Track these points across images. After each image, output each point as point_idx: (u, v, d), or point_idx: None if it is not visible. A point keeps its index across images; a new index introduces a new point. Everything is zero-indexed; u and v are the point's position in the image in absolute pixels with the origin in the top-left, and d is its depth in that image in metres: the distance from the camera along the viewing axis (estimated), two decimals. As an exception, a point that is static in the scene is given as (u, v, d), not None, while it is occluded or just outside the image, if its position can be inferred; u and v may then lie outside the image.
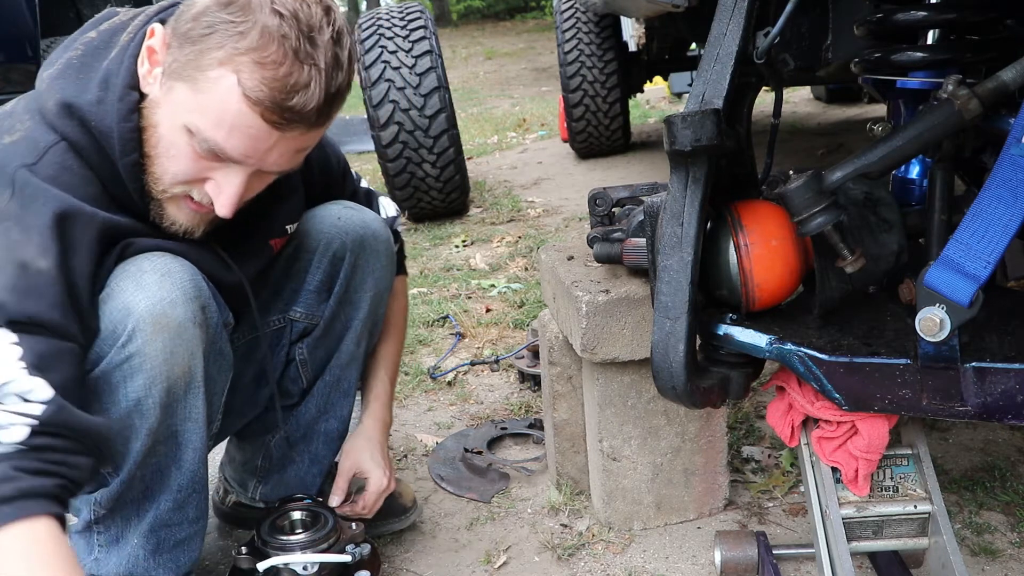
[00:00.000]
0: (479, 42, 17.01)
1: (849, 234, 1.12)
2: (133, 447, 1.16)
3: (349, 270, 1.48)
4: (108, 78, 1.12)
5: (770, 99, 1.45)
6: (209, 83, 1.05)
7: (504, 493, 1.76)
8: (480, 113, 8.36)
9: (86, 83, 1.13)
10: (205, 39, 1.04)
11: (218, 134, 1.07)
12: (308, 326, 1.51)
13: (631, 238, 1.43)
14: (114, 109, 1.10)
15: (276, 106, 1.05)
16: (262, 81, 1.03)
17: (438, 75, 3.73)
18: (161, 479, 1.21)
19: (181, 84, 1.07)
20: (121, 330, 1.10)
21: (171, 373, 1.14)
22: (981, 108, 1.06)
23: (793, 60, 1.41)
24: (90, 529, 1.22)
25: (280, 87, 1.04)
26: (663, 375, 1.14)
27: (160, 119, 1.10)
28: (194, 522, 1.26)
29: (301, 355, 1.53)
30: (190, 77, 1.06)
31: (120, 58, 1.13)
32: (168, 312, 1.12)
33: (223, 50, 1.03)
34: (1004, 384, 1.05)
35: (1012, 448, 1.75)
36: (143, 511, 1.21)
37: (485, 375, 2.37)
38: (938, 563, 1.24)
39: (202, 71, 1.05)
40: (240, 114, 1.05)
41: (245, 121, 1.06)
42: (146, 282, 1.12)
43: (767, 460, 1.78)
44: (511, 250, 3.55)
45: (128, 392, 1.13)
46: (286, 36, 1.03)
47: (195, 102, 1.06)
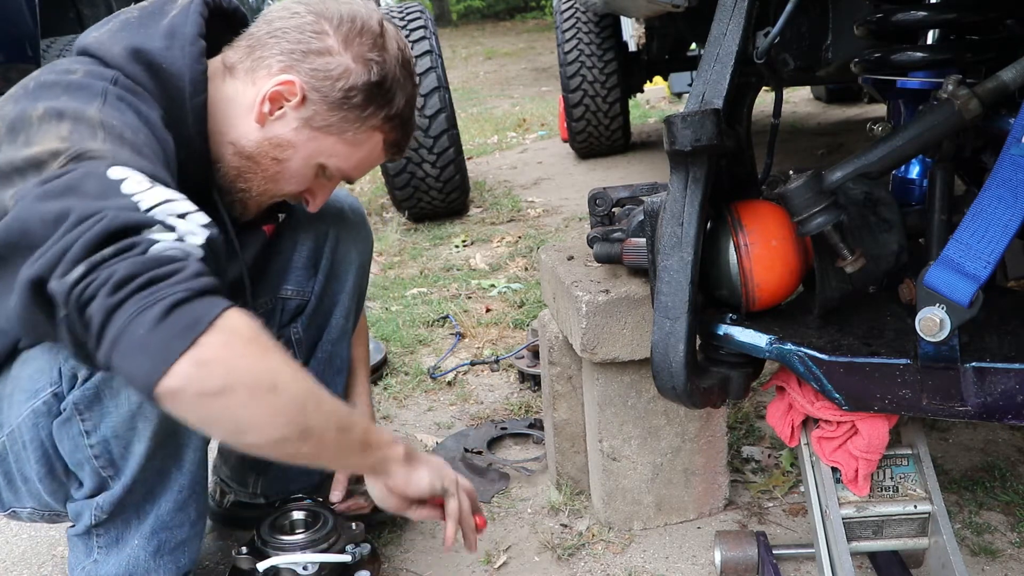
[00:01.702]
0: (479, 42, 17.01)
1: (849, 234, 1.12)
2: (136, 450, 1.16)
3: (333, 243, 1.52)
4: (174, 29, 1.19)
5: (770, 99, 1.45)
6: (359, 139, 1.26)
7: (504, 493, 1.76)
8: (480, 113, 8.36)
9: (151, 32, 1.19)
10: (359, 109, 1.22)
11: (356, 171, 1.31)
12: (300, 303, 1.54)
13: (631, 238, 1.43)
14: (185, 53, 1.17)
15: (401, 146, 1.33)
16: (402, 135, 1.31)
17: (438, 75, 3.73)
18: (162, 481, 1.20)
19: (326, 137, 1.23)
20: None
21: None
22: (981, 108, 1.06)
23: (793, 60, 1.41)
24: (89, 533, 1.22)
25: (408, 133, 1.33)
26: (663, 375, 1.14)
27: (291, 157, 1.24)
28: (194, 523, 1.25)
29: (296, 335, 1.54)
30: (339, 133, 1.24)
31: (184, 14, 1.20)
32: None
33: (376, 119, 1.25)
34: (1004, 384, 1.05)
35: (1012, 448, 1.75)
36: (144, 513, 1.21)
37: (485, 375, 2.37)
38: (938, 563, 1.24)
39: (355, 132, 1.24)
40: (377, 158, 1.32)
41: (377, 160, 1.32)
42: None
43: (767, 460, 1.78)
44: (511, 250, 3.55)
45: (131, 394, 1.12)
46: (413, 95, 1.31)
47: (342, 151, 1.26)
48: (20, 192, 0.97)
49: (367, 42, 1.21)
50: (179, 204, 0.98)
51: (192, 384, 0.87)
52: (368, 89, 1.21)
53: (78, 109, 1.05)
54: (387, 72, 1.23)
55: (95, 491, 1.19)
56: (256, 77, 1.21)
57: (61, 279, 0.88)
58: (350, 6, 1.24)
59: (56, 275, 0.89)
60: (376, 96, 1.23)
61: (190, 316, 0.88)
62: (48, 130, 1.03)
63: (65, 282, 0.88)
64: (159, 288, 0.88)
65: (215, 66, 1.23)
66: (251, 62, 1.22)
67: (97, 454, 1.15)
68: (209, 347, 0.88)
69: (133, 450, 1.16)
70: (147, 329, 0.86)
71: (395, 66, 1.24)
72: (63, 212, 0.92)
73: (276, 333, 1.54)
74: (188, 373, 0.86)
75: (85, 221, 0.90)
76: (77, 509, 1.21)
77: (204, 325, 0.88)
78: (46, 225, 0.92)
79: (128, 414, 1.13)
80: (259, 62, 1.21)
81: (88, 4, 3.53)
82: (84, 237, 0.89)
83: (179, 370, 0.86)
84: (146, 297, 0.87)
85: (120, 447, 1.15)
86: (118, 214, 0.92)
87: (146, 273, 0.88)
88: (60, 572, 1.62)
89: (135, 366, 0.87)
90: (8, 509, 1.28)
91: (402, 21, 3.83)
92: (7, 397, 1.18)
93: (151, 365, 0.86)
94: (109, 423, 1.14)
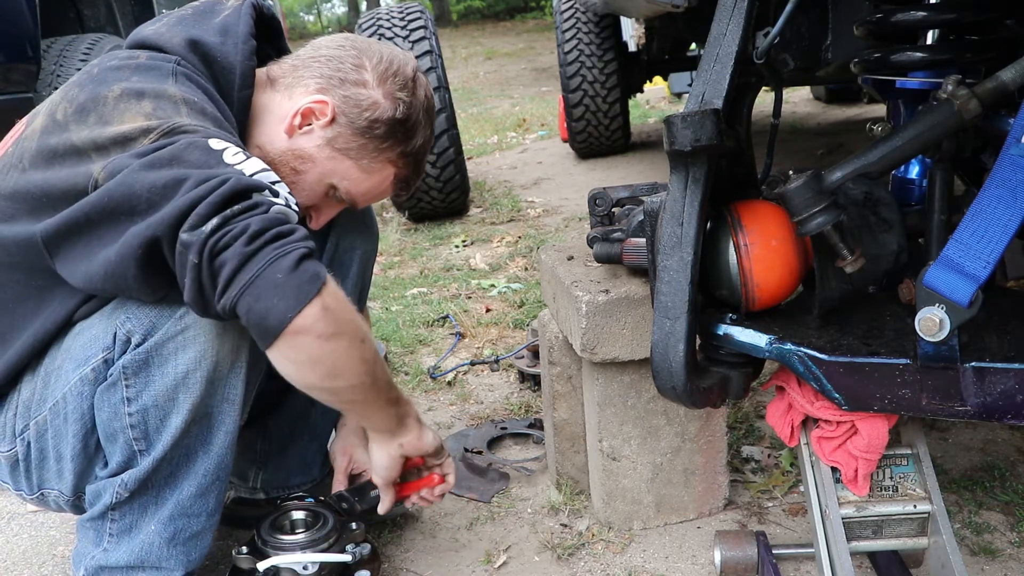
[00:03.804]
0: (479, 42, 17.02)
1: (849, 234, 1.12)
2: (173, 422, 1.18)
3: (338, 232, 1.55)
4: (228, 27, 1.28)
5: (770, 99, 1.45)
6: (373, 169, 1.34)
7: (504, 493, 1.76)
8: (480, 113, 8.36)
9: (207, 28, 1.27)
10: (379, 140, 1.32)
11: (361, 199, 1.38)
12: None
13: (631, 238, 1.43)
14: (238, 49, 1.26)
15: (409, 186, 1.42)
16: (410, 174, 1.39)
17: (438, 75, 3.73)
18: (188, 463, 1.22)
19: (345, 159, 1.32)
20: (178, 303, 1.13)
21: (221, 348, 1.18)
22: (981, 108, 1.06)
23: (793, 60, 1.41)
24: (104, 517, 1.22)
25: (418, 175, 1.42)
26: (663, 375, 1.14)
27: (309, 171, 1.31)
28: (211, 515, 1.26)
29: None
30: (357, 159, 1.32)
31: (237, 15, 1.30)
32: None
33: (393, 152, 1.34)
34: (1004, 384, 1.05)
35: (1012, 448, 1.75)
36: (163, 498, 1.22)
37: (485, 375, 2.37)
38: (938, 563, 1.24)
39: (370, 160, 1.33)
40: (385, 191, 1.40)
41: (385, 193, 1.41)
42: None
43: (767, 460, 1.78)
44: (511, 250, 3.55)
45: (178, 364, 1.16)
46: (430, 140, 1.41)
47: (355, 176, 1.34)
48: (115, 164, 1.07)
49: (399, 83, 1.32)
50: (271, 173, 1.13)
51: (317, 325, 1.05)
52: (392, 124, 1.32)
53: (157, 88, 1.15)
54: (412, 113, 1.33)
55: (121, 467, 1.20)
56: (293, 92, 1.31)
57: (193, 231, 1.02)
58: (391, 50, 1.36)
59: (186, 227, 1.02)
60: (397, 132, 1.33)
61: (314, 269, 1.06)
62: (129, 108, 1.13)
63: (200, 232, 1.02)
64: (287, 242, 1.05)
65: (259, 75, 1.32)
66: (292, 79, 1.32)
67: (134, 423, 1.17)
68: (329, 297, 1.07)
69: (170, 423, 1.18)
70: (284, 274, 1.03)
71: (419, 110, 1.35)
72: (177, 177, 1.04)
73: None
74: (316, 315, 1.05)
75: (206, 183, 1.03)
76: (98, 489, 1.23)
77: (324, 278, 1.07)
78: (156, 190, 1.04)
79: (172, 384, 1.16)
80: (299, 80, 1.32)
81: (88, 4, 3.53)
82: (212, 195, 1.03)
83: (310, 312, 1.05)
84: (277, 248, 1.04)
85: (157, 418, 1.17)
86: (239, 178, 1.06)
87: (273, 228, 1.05)
88: (61, 572, 1.62)
89: (271, 305, 1.03)
90: (37, 492, 1.30)
91: (402, 21, 3.82)
92: (56, 370, 1.21)
93: (287, 304, 1.03)
94: (151, 391, 1.16)
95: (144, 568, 1.24)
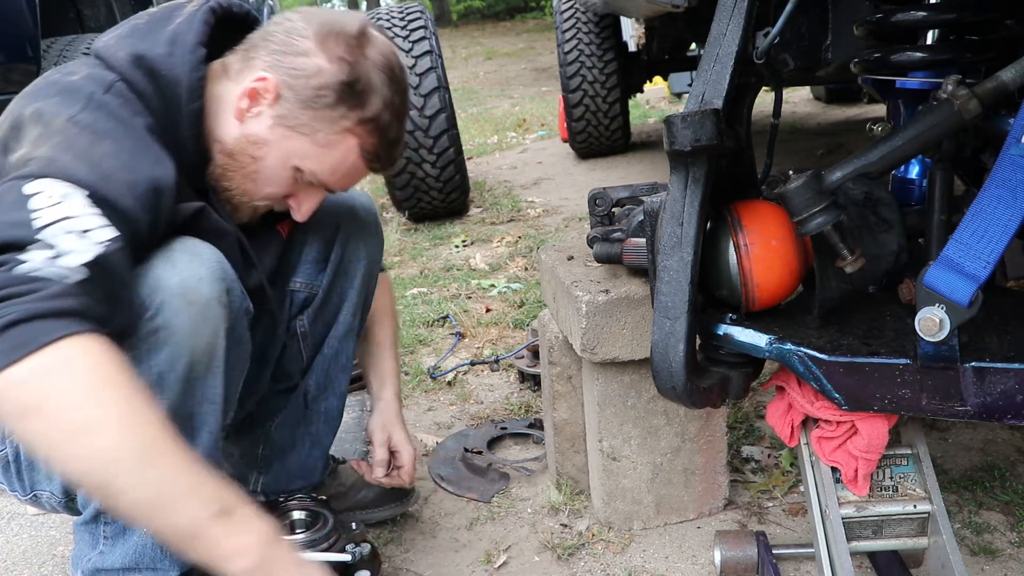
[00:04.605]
0: (479, 42, 17.02)
1: (849, 234, 1.12)
2: None
3: (344, 239, 1.54)
4: (177, 36, 1.22)
5: (770, 99, 1.44)
6: (331, 142, 1.24)
7: (504, 493, 1.76)
8: (480, 113, 8.36)
9: (156, 39, 1.22)
10: (329, 109, 1.21)
11: (331, 178, 1.28)
12: (308, 295, 1.55)
13: (631, 238, 1.43)
14: (184, 60, 1.20)
15: (386, 159, 1.30)
16: (379, 144, 1.26)
17: (438, 75, 3.73)
18: None
19: (299, 136, 1.23)
20: (149, 303, 1.12)
21: (195, 348, 1.15)
22: (981, 108, 1.06)
23: (793, 60, 1.41)
24: (97, 520, 1.22)
25: (389, 145, 1.28)
26: (663, 375, 1.14)
27: (266, 155, 1.24)
28: None
29: (302, 327, 1.55)
30: (311, 134, 1.23)
31: (189, 22, 1.23)
32: (196, 288, 1.14)
33: (347, 120, 1.23)
34: (1004, 384, 1.05)
35: (1012, 448, 1.75)
36: None
37: (485, 375, 2.37)
38: (938, 563, 1.24)
39: (325, 134, 1.23)
40: (356, 166, 1.28)
41: (356, 169, 1.29)
42: (176, 260, 1.15)
43: (767, 460, 1.78)
44: (511, 250, 3.55)
45: (152, 365, 1.13)
46: (396, 104, 1.26)
47: (313, 153, 1.24)
48: None
49: (342, 43, 1.22)
50: (83, 220, 0.99)
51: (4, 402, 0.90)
52: (339, 89, 1.21)
53: (53, 113, 1.11)
54: (360, 73, 1.22)
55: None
56: (243, 77, 1.24)
57: None
58: (338, 14, 1.27)
59: None
60: (347, 96, 1.22)
61: (23, 336, 0.89)
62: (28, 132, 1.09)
63: None
64: (7, 305, 0.90)
65: (215, 69, 1.27)
66: (242, 64, 1.26)
67: None
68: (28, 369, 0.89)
69: None
70: None
71: (372, 69, 1.23)
72: None
73: (285, 326, 1.55)
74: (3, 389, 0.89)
75: None
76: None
77: (34, 346, 0.89)
78: None
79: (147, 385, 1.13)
80: (248, 64, 1.25)
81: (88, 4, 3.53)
82: None
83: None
84: None
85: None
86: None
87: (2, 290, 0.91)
88: (61, 572, 1.62)
89: None
90: (31, 493, 1.30)
91: (402, 21, 3.83)
92: None
93: None
94: None
95: (139, 570, 1.23)
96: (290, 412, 1.59)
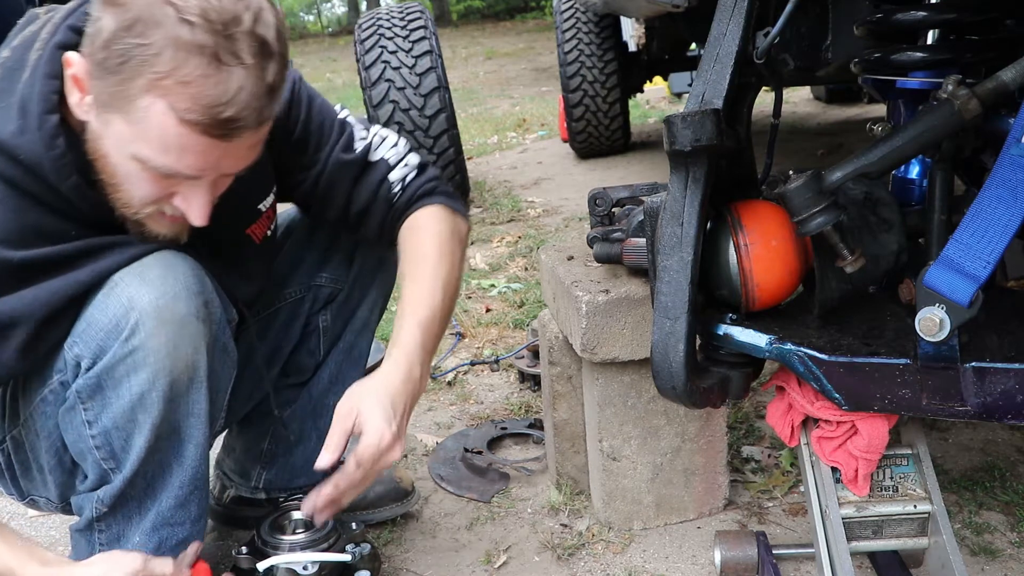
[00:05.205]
0: (479, 42, 17.02)
1: (849, 234, 1.12)
2: (136, 442, 1.16)
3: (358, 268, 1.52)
4: (25, 104, 1.08)
5: (770, 99, 1.45)
6: (141, 112, 1.01)
7: (504, 493, 1.76)
8: (480, 113, 8.36)
9: (7, 112, 1.08)
10: (122, 68, 0.98)
11: (168, 159, 1.04)
12: (333, 291, 1.54)
13: (631, 238, 1.43)
14: (36, 138, 1.06)
15: (214, 121, 1.00)
16: (192, 100, 0.99)
17: (438, 75, 3.73)
18: (163, 476, 1.20)
19: (115, 116, 1.03)
20: (124, 324, 1.10)
21: (175, 367, 1.14)
22: (981, 108, 1.06)
23: (793, 60, 1.41)
24: (91, 528, 1.22)
25: (213, 101, 0.99)
26: (663, 375, 1.14)
27: (107, 150, 1.07)
28: (195, 521, 1.25)
29: (324, 322, 1.55)
30: (121, 109, 1.02)
31: (32, 81, 1.08)
32: (171, 306, 1.12)
33: (143, 78, 0.98)
34: (1004, 384, 1.05)
35: (1012, 448, 1.75)
36: (145, 509, 1.21)
37: (485, 375, 2.37)
38: (938, 563, 1.24)
39: (130, 102, 1.00)
40: (182, 136, 1.02)
41: (189, 142, 1.02)
42: (149, 276, 1.12)
43: (767, 460, 1.78)
44: (511, 250, 3.55)
45: (132, 386, 1.12)
46: (202, 45, 0.97)
47: (134, 132, 1.03)
48: None
49: None
50: None
51: None
52: (120, 40, 0.98)
53: None
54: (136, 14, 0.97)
55: (97, 484, 1.19)
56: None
57: None
58: None
59: None
60: (132, 49, 0.97)
61: None
62: None
63: None
64: None
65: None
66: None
67: (99, 444, 1.16)
68: None
69: (134, 443, 1.16)
70: None
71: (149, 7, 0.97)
72: None
73: (303, 320, 1.55)
74: None
75: None
76: (79, 503, 1.22)
77: None
78: None
79: (128, 405, 1.13)
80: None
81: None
82: None
83: None
84: None
85: (121, 439, 1.15)
86: None
87: None
88: (60, 572, 1.62)
89: None
90: (27, 498, 1.30)
91: (402, 21, 3.82)
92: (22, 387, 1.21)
93: None
94: (110, 414, 1.14)
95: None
96: (300, 406, 1.59)
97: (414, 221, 1.39)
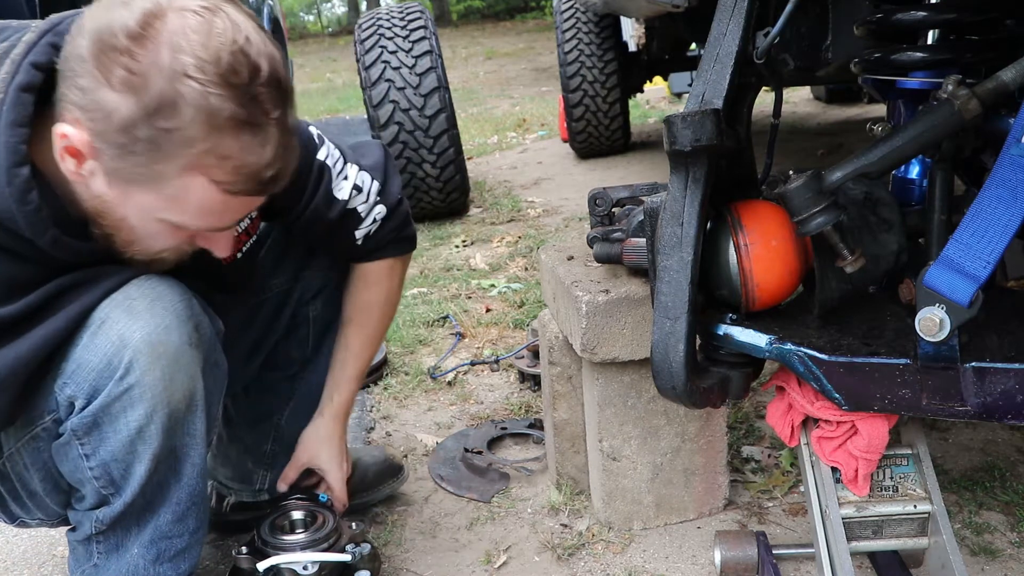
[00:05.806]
0: (479, 42, 17.02)
1: (849, 234, 1.12)
2: (136, 471, 1.15)
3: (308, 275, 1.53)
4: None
5: (770, 99, 1.45)
6: (178, 188, 1.00)
7: (504, 493, 1.76)
8: (480, 113, 8.36)
9: None
10: (151, 152, 0.96)
11: (207, 220, 1.06)
12: (324, 282, 1.54)
13: (631, 238, 1.43)
14: (6, 194, 0.99)
15: (253, 184, 1.02)
16: (235, 172, 0.99)
17: (438, 75, 3.73)
18: (161, 494, 1.20)
19: (141, 190, 1.01)
20: (118, 362, 1.09)
21: (172, 399, 1.13)
22: (981, 108, 1.06)
23: (793, 60, 1.41)
24: (89, 540, 1.21)
25: (254, 169, 1.00)
26: (663, 375, 1.14)
27: (126, 214, 1.05)
28: (194, 532, 1.25)
29: (315, 312, 1.55)
30: (150, 185, 1.00)
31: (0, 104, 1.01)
32: (164, 339, 1.10)
33: (179, 159, 0.96)
34: (1004, 384, 1.05)
35: (1012, 448, 1.75)
36: (143, 523, 1.20)
37: (485, 375, 2.37)
38: (938, 563, 1.24)
39: (164, 180, 0.99)
40: (225, 202, 1.03)
41: (232, 205, 1.04)
42: (137, 309, 1.10)
43: (767, 460, 1.78)
44: (511, 250, 3.55)
45: (130, 421, 1.11)
46: (234, 116, 0.95)
47: (165, 203, 1.02)
48: None
49: (116, 57, 0.93)
50: None
51: None
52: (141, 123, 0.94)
53: None
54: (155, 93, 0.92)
55: (96, 505, 1.19)
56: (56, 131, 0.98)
57: None
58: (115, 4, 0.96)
59: None
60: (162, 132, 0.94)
61: None
62: None
63: None
64: None
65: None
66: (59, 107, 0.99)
67: (97, 476, 1.15)
68: None
69: (133, 471, 1.15)
70: None
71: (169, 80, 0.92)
72: None
73: (292, 311, 1.55)
74: None
75: None
76: (78, 519, 1.21)
77: None
78: None
79: (127, 439, 1.12)
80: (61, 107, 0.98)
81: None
82: None
83: None
84: None
85: (120, 469, 1.14)
86: None
87: None
88: (60, 572, 1.63)
89: None
90: (16, 520, 1.29)
91: (402, 21, 3.83)
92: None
93: None
94: (108, 448, 1.13)
95: None
96: (300, 403, 1.58)
97: (367, 274, 1.50)
